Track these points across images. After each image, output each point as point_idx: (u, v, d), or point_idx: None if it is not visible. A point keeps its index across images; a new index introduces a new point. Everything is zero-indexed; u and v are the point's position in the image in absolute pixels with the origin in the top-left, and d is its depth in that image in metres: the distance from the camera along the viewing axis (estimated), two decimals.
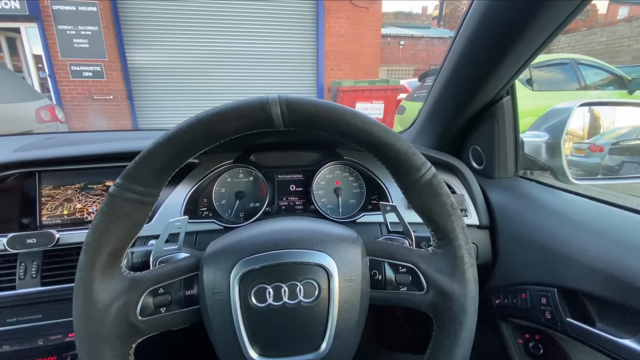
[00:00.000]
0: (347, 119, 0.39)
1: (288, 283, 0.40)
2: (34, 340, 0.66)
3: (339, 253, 0.42)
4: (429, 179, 0.41)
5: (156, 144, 0.37)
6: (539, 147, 0.79)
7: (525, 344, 0.67)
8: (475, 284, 0.42)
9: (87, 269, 0.37)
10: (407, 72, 14.00)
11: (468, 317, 0.41)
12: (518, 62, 0.61)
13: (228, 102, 0.38)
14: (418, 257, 0.45)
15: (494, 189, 0.77)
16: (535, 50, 0.58)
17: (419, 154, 0.41)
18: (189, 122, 0.37)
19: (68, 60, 5.95)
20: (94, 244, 0.37)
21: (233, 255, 0.41)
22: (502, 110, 0.73)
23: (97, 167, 0.76)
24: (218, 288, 0.40)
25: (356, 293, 0.42)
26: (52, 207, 0.76)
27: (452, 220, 0.42)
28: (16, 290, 0.65)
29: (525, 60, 0.60)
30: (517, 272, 0.66)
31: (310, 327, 0.40)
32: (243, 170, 0.85)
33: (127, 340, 0.39)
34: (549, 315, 0.56)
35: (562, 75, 4.34)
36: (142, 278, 0.41)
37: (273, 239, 0.42)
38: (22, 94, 3.66)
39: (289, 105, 0.38)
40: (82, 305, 0.37)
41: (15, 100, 3.54)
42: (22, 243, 0.63)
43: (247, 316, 0.39)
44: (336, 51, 6.83)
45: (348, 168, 0.89)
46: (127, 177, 0.37)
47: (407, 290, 0.44)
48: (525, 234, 0.65)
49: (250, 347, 0.39)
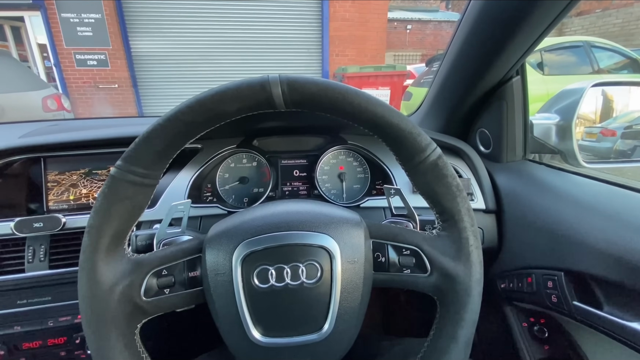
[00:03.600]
0: (350, 99, 0.38)
1: (290, 264, 0.40)
2: (45, 321, 0.68)
3: (342, 235, 0.42)
4: (434, 160, 0.40)
5: (156, 126, 0.37)
6: (549, 129, 0.77)
7: (530, 328, 0.66)
8: (480, 267, 0.42)
9: (90, 251, 0.38)
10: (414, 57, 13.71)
11: (472, 300, 0.41)
12: (529, 39, 0.58)
13: (228, 82, 0.37)
14: (422, 239, 0.44)
15: (501, 172, 0.75)
16: (549, 25, 0.55)
17: (424, 135, 0.40)
18: (188, 103, 0.37)
19: (72, 49, 5.94)
20: (97, 225, 0.37)
21: (235, 236, 0.41)
22: (511, 91, 0.71)
23: (101, 153, 0.76)
24: (220, 269, 0.40)
25: (359, 275, 0.42)
26: (58, 192, 0.77)
27: (457, 202, 0.41)
28: (25, 274, 0.66)
29: (538, 36, 0.58)
30: (523, 256, 0.65)
31: (312, 308, 0.40)
32: (246, 156, 0.85)
33: (132, 320, 0.40)
34: (554, 298, 0.55)
35: (575, 58, 4.20)
36: (146, 260, 0.41)
37: (275, 221, 0.42)
38: (28, 83, 3.69)
39: (290, 84, 0.37)
40: (87, 286, 0.38)
41: (21, 89, 3.57)
42: (29, 227, 0.64)
43: (249, 297, 0.39)
44: (341, 36, 6.69)
45: (352, 153, 0.88)
46: (128, 159, 0.37)
47: (411, 273, 0.44)
48: (533, 218, 0.63)
49: (253, 327, 0.40)
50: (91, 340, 0.38)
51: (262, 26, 6.50)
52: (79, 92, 6.20)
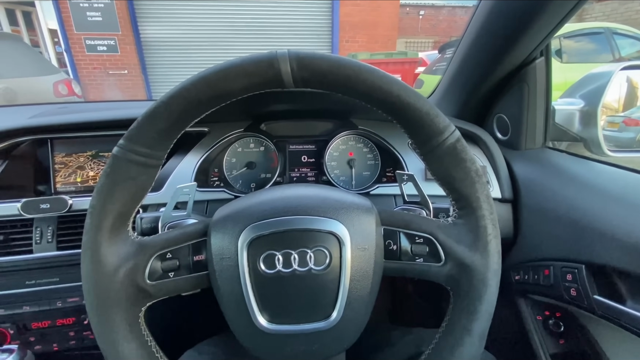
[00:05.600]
0: (363, 77, 0.35)
1: (298, 250, 0.38)
2: (53, 302, 0.69)
3: (352, 221, 0.40)
4: (452, 143, 0.37)
5: (159, 104, 0.35)
6: (572, 115, 0.73)
7: (545, 321, 0.64)
8: (498, 257, 0.39)
9: (93, 232, 0.36)
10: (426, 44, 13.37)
11: (489, 291, 0.39)
12: (558, 15, 0.54)
13: (234, 57, 0.35)
14: (436, 227, 0.42)
15: (519, 160, 0.72)
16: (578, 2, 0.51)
17: (442, 116, 0.37)
18: (192, 80, 0.35)
19: (82, 34, 5.95)
20: (99, 206, 0.36)
21: (241, 220, 0.39)
22: (533, 74, 0.67)
23: (107, 135, 0.75)
24: (226, 253, 0.39)
25: (369, 262, 0.40)
26: (66, 174, 0.76)
27: (476, 189, 0.39)
28: (33, 254, 0.67)
29: (568, 11, 0.53)
30: (541, 248, 0.62)
31: (320, 296, 0.39)
32: (254, 140, 0.83)
33: (137, 303, 0.39)
34: (574, 292, 0.53)
35: (595, 45, 4.03)
36: (150, 242, 0.40)
37: (283, 205, 0.40)
38: (40, 68, 3.72)
39: (299, 61, 0.34)
40: (90, 267, 0.37)
41: (33, 74, 3.60)
42: (36, 208, 0.64)
43: (255, 282, 0.38)
44: (352, 22, 6.54)
45: (362, 138, 0.85)
46: (130, 138, 0.35)
47: (424, 262, 0.42)
48: (552, 208, 0.60)
49: (259, 313, 0.39)
50: (94, 321, 0.37)
51: (271, 11, 6.39)
52: (90, 77, 6.23)
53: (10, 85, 3.35)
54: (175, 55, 6.46)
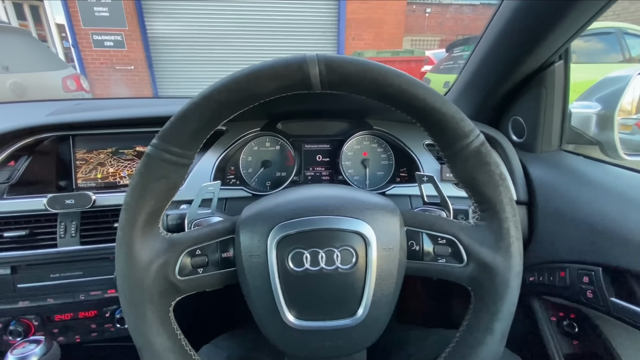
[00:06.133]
0: (390, 80, 0.36)
1: (325, 249, 0.39)
2: (76, 295, 0.71)
3: (377, 222, 0.41)
4: (477, 147, 0.38)
5: (191, 104, 0.36)
6: (589, 119, 0.73)
7: (559, 322, 0.65)
8: (520, 259, 0.40)
9: (127, 228, 0.38)
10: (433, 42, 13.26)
11: (510, 291, 0.40)
12: (581, 19, 0.54)
13: (264, 60, 0.36)
14: (459, 228, 0.43)
15: (535, 163, 0.72)
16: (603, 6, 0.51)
17: (467, 120, 0.38)
18: (224, 82, 0.36)
19: (90, 29, 5.97)
20: (133, 203, 0.37)
21: (270, 219, 0.40)
22: (552, 77, 0.67)
23: (127, 132, 0.77)
24: (255, 251, 0.40)
25: (394, 262, 0.41)
26: (87, 170, 0.78)
27: (499, 191, 0.39)
28: (57, 248, 0.68)
29: (592, 16, 0.53)
30: (556, 250, 0.63)
31: (347, 293, 0.40)
32: (270, 139, 0.84)
33: (167, 297, 0.40)
34: (590, 294, 0.54)
35: (604, 45, 3.97)
36: (180, 239, 0.41)
37: (311, 205, 0.41)
38: (48, 62, 3.73)
39: (327, 64, 0.35)
40: (124, 262, 0.38)
41: (42, 69, 3.62)
42: (62, 203, 0.66)
43: (284, 280, 0.39)
44: (358, 19, 6.50)
45: (377, 139, 0.86)
46: (163, 137, 0.36)
47: (446, 262, 0.43)
48: (569, 211, 0.61)
49: (287, 310, 0.40)
50: (128, 314, 0.38)
51: (278, 8, 6.37)
52: (97, 72, 6.26)
53: (20, 80, 3.37)
54: (182, 51, 6.46)
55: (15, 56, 3.43)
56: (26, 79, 3.45)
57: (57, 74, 3.71)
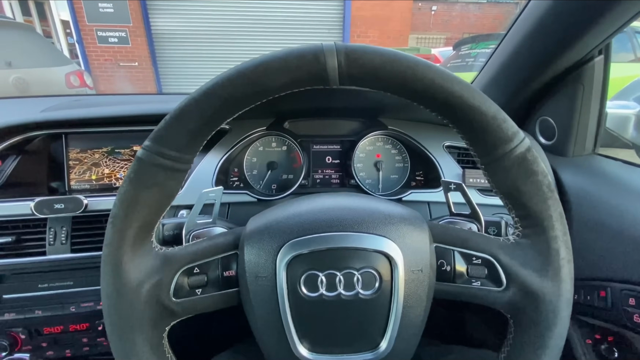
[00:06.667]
0: (421, 74, 0.30)
1: (344, 271, 0.34)
2: (66, 306, 0.66)
3: (404, 239, 0.35)
4: (522, 153, 0.32)
5: (190, 101, 0.30)
6: (626, 120, 0.67)
7: (595, 345, 0.59)
8: (571, 284, 0.34)
9: (114, 244, 0.32)
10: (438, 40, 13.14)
11: (560, 323, 0.34)
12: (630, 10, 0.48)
13: (275, 50, 0.30)
14: (498, 247, 0.37)
15: (567, 168, 0.66)
16: None
17: (510, 121, 0.32)
18: (228, 75, 0.30)
19: (94, 26, 5.96)
20: (122, 215, 0.32)
21: (279, 235, 0.35)
22: (591, 74, 0.60)
23: (124, 131, 0.71)
24: (262, 272, 0.34)
25: (423, 286, 0.35)
26: (80, 171, 0.73)
27: (548, 205, 0.33)
28: (46, 256, 0.63)
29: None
30: (595, 266, 0.57)
31: (368, 323, 0.35)
32: (276, 139, 0.79)
33: (160, 323, 0.35)
34: (638, 318, 0.48)
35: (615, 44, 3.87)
36: (176, 255, 0.36)
37: (325, 219, 0.36)
38: (52, 59, 3.71)
39: (348, 55, 0.29)
40: (111, 283, 0.33)
41: (46, 65, 3.60)
42: (50, 208, 0.61)
43: (295, 306, 0.34)
44: (364, 16, 6.42)
45: (391, 139, 0.80)
46: (157, 139, 0.31)
47: (481, 285, 0.37)
48: (609, 222, 0.55)
49: (298, 341, 0.34)
50: (115, 343, 0.33)
51: (282, 5, 6.31)
52: (101, 69, 6.25)
53: (23, 75, 3.35)
54: (186, 48, 6.44)
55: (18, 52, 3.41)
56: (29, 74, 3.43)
57: (61, 70, 3.68)
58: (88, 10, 5.84)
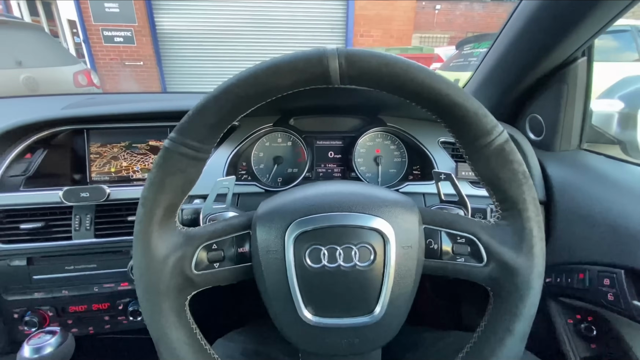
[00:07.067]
0: (412, 75, 0.35)
1: (343, 246, 0.39)
2: (90, 287, 0.71)
3: (396, 219, 0.40)
4: (500, 144, 0.37)
5: (210, 98, 0.35)
6: (610, 117, 0.71)
7: (576, 325, 0.64)
8: (542, 259, 0.39)
9: (145, 222, 0.37)
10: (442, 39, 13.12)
11: (532, 293, 0.39)
12: (609, 13, 0.52)
13: (284, 54, 0.35)
14: (479, 227, 0.42)
15: (553, 162, 0.71)
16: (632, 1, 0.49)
17: (490, 116, 0.37)
18: (243, 75, 0.35)
19: (100, 25, 6.02)
20: (151, 197, 0.37)
21: (287, 215, 0.40)
22: (574, 74, 0.65)
23: (141, 127, 0.77)
24: (272, 247, 0.39)
25: (412, 261, 0.40)
26: (101, 164, 0.78)
27: (523, 190, 0.38)
28: (72, 241, 0.69)
29: (617, 13, 0.52)
30: (575, 251, 0.61)
31: (364, 291, 0.39)
32: (282, 135, 0.84)
33: (183, 292, 0.40)
34: (611, 297, 0.52)
35: (619, 43, 3.87)
36: (197, 233, 0.41)
37: (328, 201, 0.41)
38: (60, 58, 3.77)
39: (348, 58, 0.34)
40: (142, 256, 0.38)
41: (54, 64, 3.66)
42: (77, 196, 0.66)
43: (301, 276, 0.39)
44: (367, 15, 6.44)
45: (390, 135, 0.85)
46: (182, 131, 0.36)
47: (465, 262, 0.42)
48: (589, 211, 0.59)
49: (304, 306, 0.39)
50: (145, 308, 0.38)
51: (285, 4, 6.35)
52: (107, 68, 6.33)
53: (33, 75, 3.42)
54: (190, 47, 6.49)
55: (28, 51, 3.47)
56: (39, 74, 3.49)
57: (69, 69, 3.75)
58: (94, 10, 5.91)
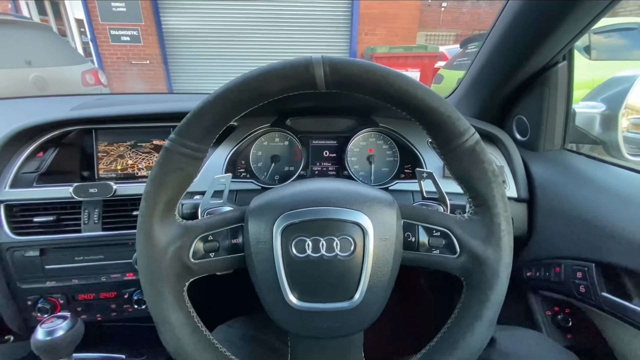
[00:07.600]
0: (390, 81, 0.38)
1: (326, 237, 0.42)
2: (98, 277, 0.76)
3: (375, 214, 0.43)
4: (471, 145, 0.40)
5: (206, 102, 0.39)
6: (593, 119, 0.74)
7: (554, 316, 0.67)
8: (510, 251, 0.42)
9: (147, 215, 0.42)
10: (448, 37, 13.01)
11: (500, 282, 0.42)
12: (581, 22, 0.55)
13: (273, 62, 0.39)
14: (453, 222, 0.45)
15: (537, 161, 0.74)
16: (604, 8, 0.52)
17: (463, 119, 0.40)
18: (235, 82, 0.39)
19: (107, 25, 6.09)
20: (153, 192, 0.41)
21: (276, 209, 0.44)
22: (555, 77, 0.68)
23: (146, 127, 0.81)
24: (262, 238, 0.43)
25: (389, 251, 0.44)
26: (108, 162, 0.83)
27: (492, 188, 0.42)
28: (81, 233, 0.74)
29: (591, 20, 0.55)
30: (553, 246, 0.64)
31: (345, 279, 0.43)
32: (279, 135, 0.88)
33: (182, 278, 0.44)
34: (583, 289, 0.56)
35: (626, 42, 3.82)
36: (194, 225, 0.45)
37: (314, 197, 0.44)
38: (69, 57, 3.82)
39: (332, 66, 0.38)
40: (144, 246, 0.42)
41: (63, 63, 3.72)
42: (86, 192, 0.71)
43: (287, 265, 0.42)
44: (372, 14, 6.42)
45: (382, 136, 0.88)
46: (180, 132, 0.40)
47: (440, 254, 0.45)
48: (567, 209, 0.62)
49: (290, 292, 0.43)
50: (148, 292, 0.42)
51: (290, 4, 6.36)
52: (114, 67, 6.41)
53: (42, 74, 3.48)
54: (196, 47, 6.54)
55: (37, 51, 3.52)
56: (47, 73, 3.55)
57: (77, 68, 3.81)
58: (101, 9, 5.98)
